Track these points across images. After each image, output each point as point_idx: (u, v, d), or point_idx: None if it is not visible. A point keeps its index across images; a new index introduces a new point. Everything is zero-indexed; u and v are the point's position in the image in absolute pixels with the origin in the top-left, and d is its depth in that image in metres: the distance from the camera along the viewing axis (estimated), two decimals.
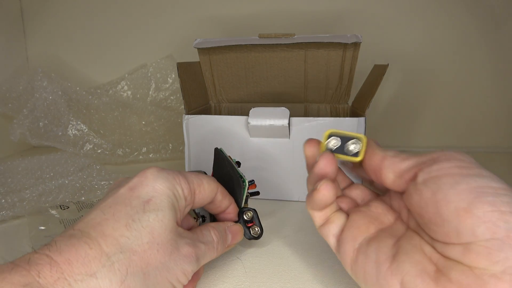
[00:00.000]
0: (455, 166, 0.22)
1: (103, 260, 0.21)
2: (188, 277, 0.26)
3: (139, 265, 0.23)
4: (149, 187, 0.26)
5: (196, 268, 0.27)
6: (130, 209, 0.24)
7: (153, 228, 0.24)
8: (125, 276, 0.22)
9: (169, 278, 0.24)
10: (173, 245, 0.25)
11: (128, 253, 0.22)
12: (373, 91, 0.45)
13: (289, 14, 0.74)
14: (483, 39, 0.72)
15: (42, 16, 0.79)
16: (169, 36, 0.77)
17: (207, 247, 0.28)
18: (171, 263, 0.24)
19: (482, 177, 0.21)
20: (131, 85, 0.76)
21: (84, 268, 0.21)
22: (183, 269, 0.25)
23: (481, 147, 0.73)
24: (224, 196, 0.32)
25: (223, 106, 0.62)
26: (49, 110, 0.68)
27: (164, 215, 0.25)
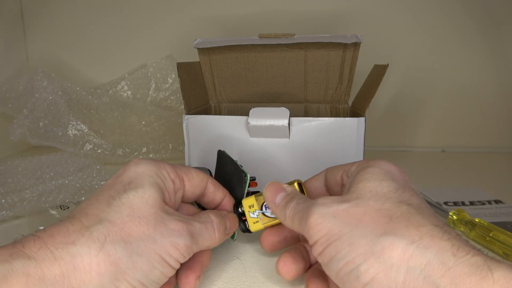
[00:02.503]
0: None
1: (83, 231, 0.23)
2: (181, 252, 0.25)
3: (119, 235, 0.23)
4: (131, 172, 0.27)
5: (190, 243, 0.26)
6: (113, 191, 0.26)
7: (133, 203, 0.25)
8: (103, 244, 0.22)
9: (156, 250, 0.24)
10: (157, 219, 0.25)
11: (106, 223, 0.23)
12: (373, 91, 0.45)
13: (289, 14, 0.74)
14: (483, 39, 0.72)
15: (42, 16, 0.79)
16: (169, 36, 0.77)
17: (204, 226, 0.28)
18: (157, 235, 0.24)
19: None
20: (131, 85, 0.76)
21: (65, 239, 0.22)
22: (172, 242, 0.25)
23: (481, 147, 0.73)
24: (217, 187, 0.32)
25: (223, 106, 0.62)
26: (49, 110, 0.68)
27: (144, 191, 0.25)
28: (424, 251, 0.19)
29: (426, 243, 0.19)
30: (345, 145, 0.44)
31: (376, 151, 0.74)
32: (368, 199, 0.22)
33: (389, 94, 0.76)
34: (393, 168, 0.25)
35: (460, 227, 0.39)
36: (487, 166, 0.64)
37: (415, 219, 0.20)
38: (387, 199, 0.22)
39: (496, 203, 0.46)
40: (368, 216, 0.21)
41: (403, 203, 0.22)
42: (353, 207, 0.22)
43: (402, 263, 0.19)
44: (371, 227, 0.21)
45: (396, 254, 0.19)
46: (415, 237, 0.19)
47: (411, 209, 0.21)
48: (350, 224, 0.21)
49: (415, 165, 0.66)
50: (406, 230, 0.20)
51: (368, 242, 0.20)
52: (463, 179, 0.57)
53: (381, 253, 0.19)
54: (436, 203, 0.45)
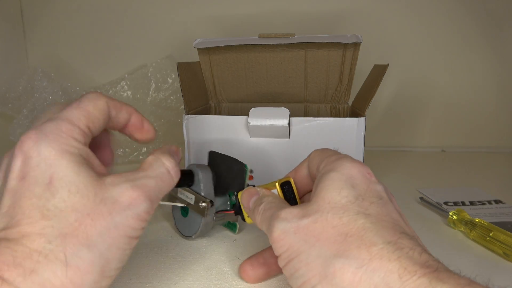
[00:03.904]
0: None
1: (35, 256, 0.20)
2: (145, 218, 0.24)
3: (78, 243, 0.21)
4: (42, 165, 0.22)
5: (151, 206, 0.24)
6: (37, 200, 0.21)
7: (74, 205, 0.21)
8: (65, 261, 0.20)
9: (121, 234, 0.22)
10: (107, 203, 0.22)
11: (57, 240, 0.21)
12: (373, 91, 0.45)
13: (289, 14, 0.74)
14: (483, 39, 0.72)
15: (42, 17, 0.79)
16: (169, 36, 0.77)
17: (160, 178, 0.25)
18: (117, 218, 0.22)
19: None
20: (131, 85, 0.76)
21: (21, 269, 0.19)
22: (134, 215, 0.23)
23: (481, 147, 0.73)
24: (120, 108, 0.28)
25: (223, 106, 0.62)
26: None
27: (77, 184, 0.22)
28: (372, 274, 0.19)
29: (374, 266, 0.19)
30: (345, 145, 0.44)
31: (376, 151, 0.74)
32: (326, 212, 0.22)
33: (389, 94, 0.76)
34: (355, 172, 0.24)
35: (460, 227, 0.39)
36: (487, 166, 0.64)
37: (368, 237, 0.21)
38: (345, 211, 0.22)
39: (496, 203, 0.46)
40: (325, 234, 0.22)
41: (360, 215, 0.22)
42: (312, 224, 0.22)
43: (352, 286, 0.19)
44: (327, 247, 0.21)
45: (347, 278, 0.20)
46: (364, 260, 0.20)
47: (367, 223, 0.21)
48: (308, 241, 0.22)
49: (415, 165, 0.66)
50: (357, 252, 0.20)
51: (322, 263, 0.21)
52: (463, 179, 0.57)
53: (333, 276, 0.20)
54: (436, 203, 0.45)
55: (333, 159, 0.26)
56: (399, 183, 0.55)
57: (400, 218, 0.23)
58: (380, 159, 0.69)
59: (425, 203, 0.47)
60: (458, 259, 0.34)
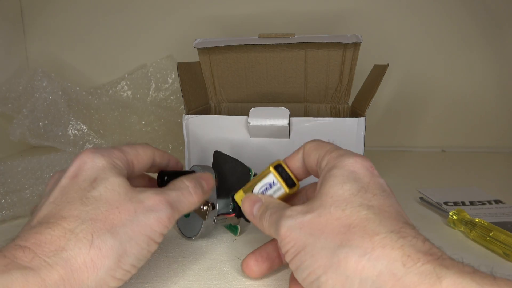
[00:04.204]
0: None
1: (68, 235, 0.23)
2: (164, 225, 0.27)
3: (104, 228, 0.24)
4: (90, 169, 0.27)
5: (171, 213, 0.27)
6: (81, 191, 0.26)
7: (107, 198, 0.26)
8: (91, 241, 0.24)
9: (142, 231, 0.25)
10: (134, 202, 0.26)
11: (89, 222, 0.24)
12: (373, 91, 0.45)
13: (289, 14, 0.74)
14: (483, 39, 0.72)
15: (42, 16, 0.79)
16: (169, 36, 0.77)
17: (180, 192, 0.29)
18: (140, 216, 0.26)
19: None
20: (131, 85, 0.76)
21: (53, 246, 0.23)
22: (156, 217, 0.26)
23: (481, 147, 0.73)
24: (162, 156, 0.34)
25: (223, 106, 0.62)
26: (49, 110, 0.68)
27: (112, 184, 0.26)
28: (375, 262, 0.19)
29: (377, 254, 0.20)
30: (345, 145, 0.44)
31: (376, 151, 0.74)
32: (329, 206, 0.23)
33: (389, 94, 0.76)
34: (358, 167, 0.25)
35: (460, 227, 0.39)
36: (487, 166, 0.64)
37: (371, 227, 0.21)
38: (348, 203, 0.23)
39: (496, 203, 0.46)
40: (329, 226, 0.22)
41: (363, 206, 0.22)
42: (316, 218, 0.23)
43: (356, 274, 0.20)
44: (331, 238, 0.22)
45: (350, 266, 0.20)
46: (367, 249, 0.20)
47: (370, 214, 0.22)
48: (313, 235, 0.23)
49: (415, 165, 0.66)
50: (360, 241, 0.21)
51: (327, 254, 0.21)
52: (463, 179, 0.57)
53: (338, 265, 0.21)
54: (436, 203, 0.45)
55: (334, 156, 0.26)
56: (399, 183, 0.55)
57: (402, 210, 0.24)
58: (380, 159, 0.69)
59: (425, 203, 0.47)
60: (458, 259, 0.34)
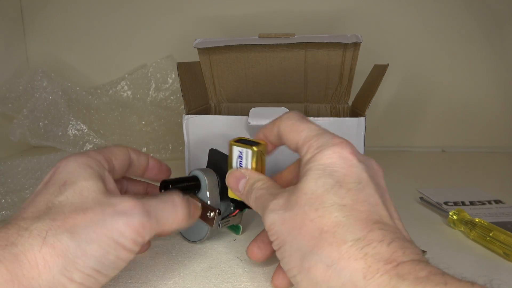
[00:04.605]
0: None
1: (21, 232, 0.23)
2: (138, 230, 0.25)
3: (63, 227, 0.23)
4: (62, 172, 0.26)
5: (146, 221, 0.25)
6: (48, 195, 0.25)
7: (73, 202, 0.25)
8: (44, 238, 0.23)
9: (107, 234, 0.24)
10: (103, 205, 0.25)
11: (46, 220, 0.23)
12: (373, 91, 0.45)
13: (289, 14, 0.74)
14: (484, 39, 0.72)
15: (42, 16, 0.79)
16: (169, 36, 0.77)
17: (162, 202, 0.27)
18: (107, 218, 0.24)
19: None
20: (131, 85, 0.76)
21: (4, 242, 0.22)
22: (125, 221, 0.24)
23: (481, 147, 0.73)
24: (138, 153, 0.33)
25: (223, 106, 0.62)
26: (49, 110, 0.68)
27: (81, 188, 0.25)
28: (340, 273, 0.20)
29: (342, 265, 0.20)
30: None
31: (376, 151, 0.74)
32: (303, 205, 0.23)
33: (389, 94, 0.76)
34: (335, 157, 0.24)
35: (460, 227, 0.39)
36: (487, 166, 0.64)
37: (340, 234, 0.21)
38: (320, 202, 0.23)
39: (496, 203, 0.46)
40: (305, 228, 0.23)
41: (335, 206, 0.22)
42: (294, 217, 0.23)
43: (324, 282, 0.21)
44: (305, 241, 0.22)
45: (319, 274, 0.21)
46: (334, 258, 0.21)
47: (340, 217, 0.22)
48: (291, 233, 0.23)
49: (415, 165, 0.66)
50: (329, 249, 0.21)
51: (300, 257, 0.22)
52: (463, 179, 0.57)
53: (309, 270, 0.21)
54: (436, 203, 0.45)
55: (314, 147, 0.25)
56: (399, 183, 0.55)
57: (379, 201, 0.23)
58: (380, 159, 0.68)
59: (425, 203, 0.47)
60: (458, 259, 0.34)
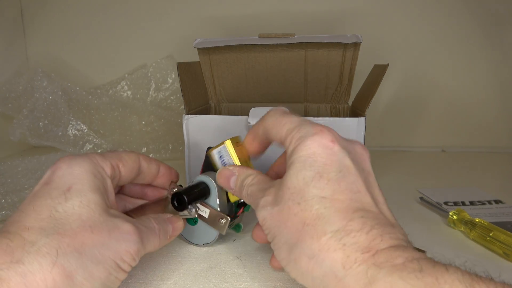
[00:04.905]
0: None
1: (27, 247, 0.21)
2: (133, 256, 0.25)
3: (72, 245, 0.22)
4: (66, 176, 0.25)
5: (141, 247, 0.26)
6: (51, 201, 0.24)
7: (81, 214, 0.24)
8: (55, 257, 0.21)
9: (111, 257, 0.24)
10: (109, 225, 0.24)
11: (55, 236, 0.22)
12: (373, 91, 0.45)
13: (289, 14, 0.74)
14: (484, 39, 0.72)
15: (42, 16, 0.79)
16: (169, 36, 0.77)
17: (148, 230, 0.28)
18: (112, 241, 0.24)
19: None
20: (131, 85, 0.76)
21: (8, 257, 0.20)
22: (127, 247, 0.25)
23: (481, 147, 0.73)
24: (149, 161, 0.32)
25: (223, 106, 0.62)
26: (49, 110, 0.68)
27: (89, 199, 0.24)
28: (321, 264, 0.21)
29: (322, 256, 0.21)
30: None
31: (376, 151, 0.74)
32: (287, 200, 0.24)
33: (389, 94, 0.76)
34: (315, 146, 0.24)
35: (460, 227, 0.39)
36: (487, 166, 0.64)
37: (321, 226, 0.22)
38: (302, 196, 0.23)
39: (496, 203, 0.46)
40: (290, 222, 0.23)
41: (316, 199, 0.23)
42: (280, 212, 0.24)
43: (308, 273, 0.22)
44: (291, 235, 0.23)
45: (303, 265, 0.22)
46: (315, 250, 0.21)
47: (321, 209, 0.22)
48: (279, 228, 0.24)
49: (415, 165, 0.66)
50: (310, 242, 0.22)
51: (287, 250, 0.23)
52: (463, 179, 0.57)
53: (295, 262, 0.22)
54: (436, 203, 0.45)
55: (295, 138, 0.25)
56: (399, 183, 0.55)
57: (362, 187, 0.23)
58: (380, 159, 0.69)
59: (425, 203, 0.47)
60: (458, 259, 0.34)
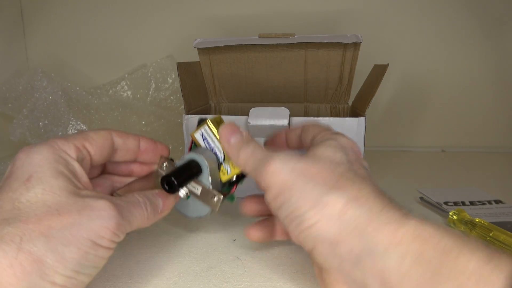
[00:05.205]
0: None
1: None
2: (114, 232, 0.24)
3: (38, 230, 0.22)
4: (25, 166, 0.25)
5: (121, 221, 0.25)
6: (12, 193, 0.23)
7: (45, 200, 0.23)
8: (19, 244, 0.21)
9: (84, 235, 0.23)
10: (80, 205, 0.24)
11: (18, 224, 0.22)
12: (373, 91, 0.45)
13: (289, 14, 0.74)
14: (484, 40, 0.72)
15: (42, 16, 0.79)
16: (169, 36, 0.77)
17: (130, 204, 0.27)
18: (84, 220, 0.23)
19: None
20: (131, 85, 0.76)
21: None
22: (102, 223, 0.24)
23: (481, 147, 0.73)
24: (126, 136, 0.30)
25: (223, 106, 0.62)
26: (49, 110, 0.68)
27: (52, 185, 0.24)
28: (359, 206, 0.23)
29: (361, 202, 0.23)
30: None
31: (376, 151, 0.74)
32: (324, 162, 0.26)
33: (389, 94, 0.76)
34: (349, 145, 0.28)
35: (460, 227, 0.39)
36: (487, 166, 0.64)
37: (358, 183, 0.24)
38: (340, 165, 0.26)
39: (496, 203, 0.46)
40: (320, 175, 0.25)
41: (352, 171, 0.25)
42: (308, 165, 0.25)
43: (340, 215, 0.23)
44: (321, 183, 0.24)
45: (338, 207, 0.23)
46: (354, 196, 0.23)
47: (357, 177, 0.25)
48: (304, 178, 0.24)
49: (415, 165, 0.66)
50: (350, 188, 0.24)
51: (316, 194, 0.24)
52: (463, 179, 0.57)
53: (325, 205, 0.23)
54: (436, 203, 0.45)
55: (330, 133, 0.29)
56: (399, 183, 0.55)
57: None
58: (380, 159, 0.69)
59: (425, 203, 0.47)
60: None
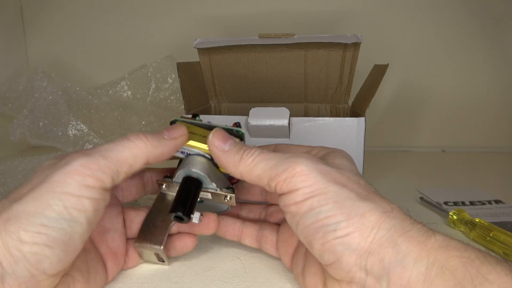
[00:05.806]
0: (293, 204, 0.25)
1: None
2: (80, 173, 0.24)
3: (11, 199, 0.24)
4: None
5: (89, 160, 0.24)
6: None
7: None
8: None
9: (47, 188, 0.23)
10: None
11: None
12: (373, 91, 0.45)
13: (289, 14, 0.74)
14: (484, 40, 0.72)
15: (42, 16, 0.79)
16: (169, 36, 0.77)
17: (113, 143, 0.27)
18: (47, 176, 0.24)
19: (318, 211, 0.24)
20: (131, 85, 0.76)
21: None
22: (64, 171, 0.24)
23: (481, 147, 0.73)
24: (160, 154, 0.29)
25: (223, 106, 0.62)
26: (49, 110, 0.68)
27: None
28: (391, 219, 0.23)
29: (394, 214, 0.24)
30: (345, 145, 0.44)
31: (376, 151, 0.74)
32: (347, 171, 0.26)
33: (389, 94, 0.76)
34: (347, 155, 0.29)
35: (460, 227, 0.39)
36: (487, 166, 0.64)
37: (383, 197, 0.25)
38: (360, 177, 0.26)
39: (496, 203, 0.46)
40: (351, 185, 0.25)
41: (369, 184, 0.26)
42: (337, 172, 0.25)
43: (375, 225, 0.23)
44: (355, 193, 0.24)
45: (373, 219, 0.23)
46: (387, 209, 0.24)
47: (377, 191, 0.26)
48: (336, 185, 0.24)
49: (415, 165, 0.66)
50: (382, 202, 0.24)
51: (352, 204, 0.24)
52: (463, 179, 0.57)
53: (363, 215, 0.23)
54: (436, 203, 0.45)
55: (324, 148, 0.30)
56: (399, 183, 0.55)
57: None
58: (380, 159, 0.69)
59: (425, 203, 0.47)
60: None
